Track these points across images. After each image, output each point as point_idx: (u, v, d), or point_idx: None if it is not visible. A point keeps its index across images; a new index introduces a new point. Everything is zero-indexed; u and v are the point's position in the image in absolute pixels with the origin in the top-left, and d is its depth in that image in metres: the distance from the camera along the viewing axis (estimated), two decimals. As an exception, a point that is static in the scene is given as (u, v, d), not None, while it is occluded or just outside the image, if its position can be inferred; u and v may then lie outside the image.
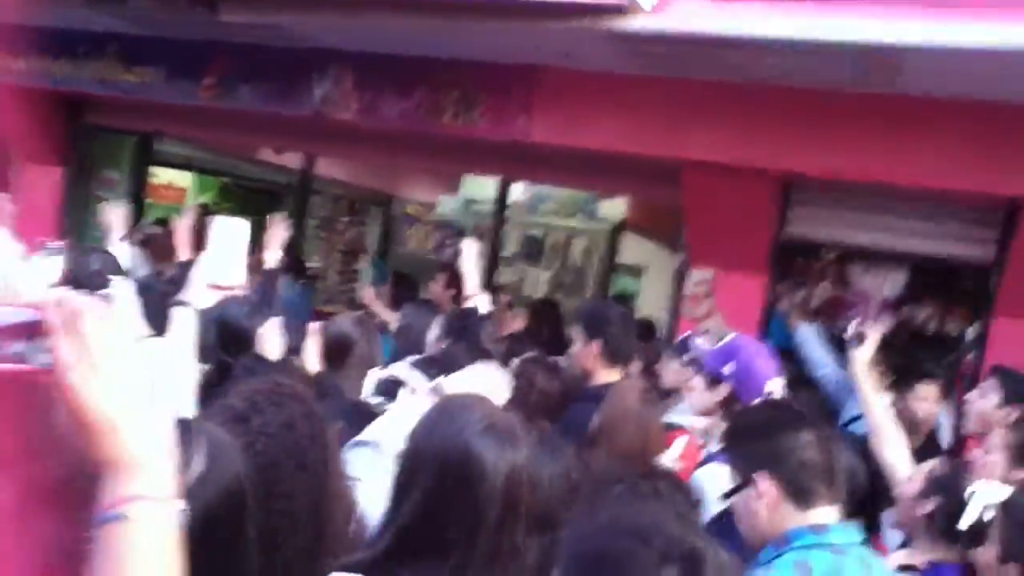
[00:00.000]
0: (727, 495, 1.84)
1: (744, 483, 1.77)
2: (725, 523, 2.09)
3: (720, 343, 2.89)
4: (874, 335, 3.25)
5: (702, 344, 2.94)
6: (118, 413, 0.81)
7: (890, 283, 4.97)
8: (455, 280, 5.29)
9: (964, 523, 2.02)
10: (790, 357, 4.25)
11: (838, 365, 4.44)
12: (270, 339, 2.91)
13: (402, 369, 2.69)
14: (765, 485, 1.73)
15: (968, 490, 2.07)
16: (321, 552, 1.56)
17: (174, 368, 2.42)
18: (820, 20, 3.25)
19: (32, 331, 0.82)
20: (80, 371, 0.80)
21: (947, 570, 2.14)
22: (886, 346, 4.54)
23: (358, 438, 2.25)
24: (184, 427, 1.30)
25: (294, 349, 3.12)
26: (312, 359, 3.14)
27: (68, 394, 0.80)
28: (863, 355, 3.19)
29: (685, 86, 4.27)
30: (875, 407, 2.95)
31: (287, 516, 1.51)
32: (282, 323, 3.01)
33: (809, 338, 4.41)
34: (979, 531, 2.00)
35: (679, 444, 2.51)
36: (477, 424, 1.55)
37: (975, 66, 3.32)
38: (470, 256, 3.62)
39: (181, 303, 2.56)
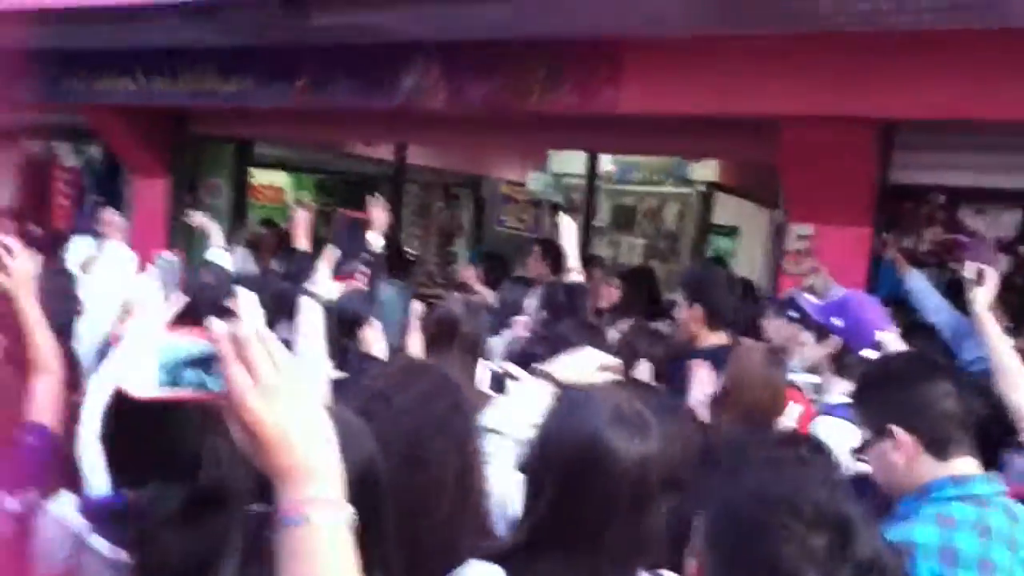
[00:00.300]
0: (860, 448, 1.83)
1: (879, 434, 1.74)
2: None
3: (828, 297, 2.88)
4: (993, 274, 3.14)
5: (809, 299, 2.93)
6: (290, 427, 0.88)
7: (1003, 223, 4.80)
8: (550, 254, 5.37)
9: None
10: (902, 306, 4.16)
11: (953, 310, 4.33)
12: (374, 341, 2.98)
13: (505, 364, 2.72)
14: (902, 436, 1.68)
15: None
16: (464, 522, 1.61)
17: (304, 356, 2.53)
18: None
19: (208, 360, 0.89)
20: (254, 393, 0.87)
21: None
22: (1003, 287, 4.42)
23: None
24: None
25: (396, 350, 3.19)
26: (416, 349, 3.20)
27: (244, 415, 0.87)
28: (984, 296, 3.08)
29: (772, 41, 4.19)
30: (1001, 349, 2.85)
31: (433, 484, 1.56)
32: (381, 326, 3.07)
33: (921, 285, 4.30)
34: None
35: (796, 406, 2.52)
36: (605, 414, 1.53)
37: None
38: (568, 231, 3.65)
39: (308, 292, 2.65)
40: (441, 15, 4.27)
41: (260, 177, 9.20)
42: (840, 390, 2.76)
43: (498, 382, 2.72)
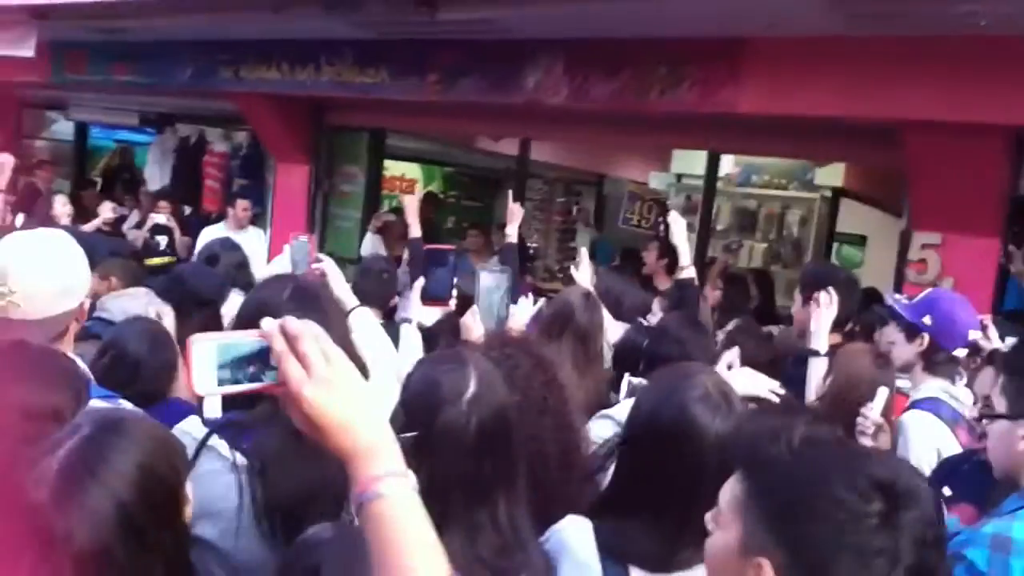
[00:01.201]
0: (990, 415, 1.78)
1: (1011, 418, 1.72)
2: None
3: (918, 297, 2.86)
4: None
5: (899, 299, 2.91)
6: (348, 414, 0.97)
7: None
8: (667, 251, 5.43)
9: None
10: (1027, 320, 4.02)
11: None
12: (473, 328, 3.12)
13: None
14: None
15: None
16: (571, 483, 1.76)
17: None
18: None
19: (262, 355, 0.98)
20: (310, 385, 0.95)
21: None
22: None
23: (603, 412, 2.44)
24: (456, 356, 1.59)
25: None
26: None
27: (303, 405, 0.95)
28: None
29: (899, 43, 4.11)
30: None
31: (537, 458, 1.71)
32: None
33: None
34: None
35: (881, 397, 2.51)
36: (695, 390, 1.67)
37: None
38: (678, 229, 3.71)
39: (405, 320, 2.86)
40: (563, 13, 4.39)
41: (393, 168, 9.62)
42: (928, 386, 2.74)
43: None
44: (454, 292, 3.42)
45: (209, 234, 6.67)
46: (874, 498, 1.01)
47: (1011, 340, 3.34)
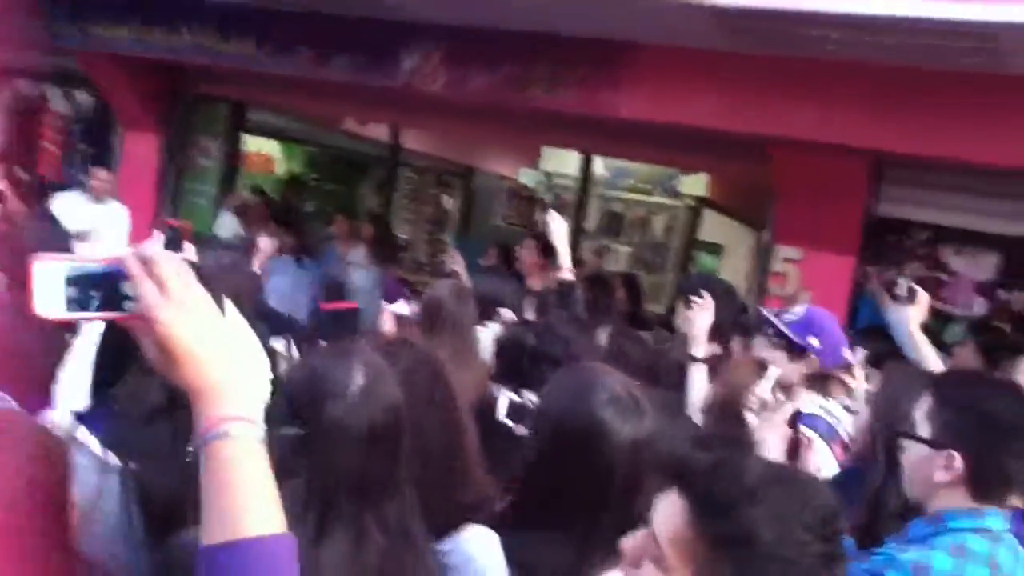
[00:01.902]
0: (914, 438, 1.75)
1: (935, 446, 1.69)
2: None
3: (796, 315, 2.91)
4: (925, 296, 3.19)
5: (779, 315, 2.95)
6: (203, 343, 0.90)
7: (984, 265, 4.85)
8: (546, 251, 5.38)
9: None
10: (881, 334, 4.20)
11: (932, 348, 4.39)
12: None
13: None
14: (957, 463, 1.65)
15: None
16: (455, 486, 1.64)
17: None
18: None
19: (115, 283, 0.90)
20: (166, 307, 0.88)
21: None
22: (980, 330, 4.49)
23: None
24: (342, 350, 1.47)
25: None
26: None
27: (156, 328, 0.88)
28: (917, 315, 3.13)
29: (777, 63, 4.22)
30: (935, 367, 2.88)
31: (420, 453, 1.59)
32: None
33: (902, 319, 4.34)
34: None
35: (772, 375, 2.53)
36: (603, 393, 1.60)
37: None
38: (559, 230, 3.64)
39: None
40: (449, -1, 4.25)
41: (252, 144, 9.14)
42: (808, 401, 2.80)
43: (517, 412, 2.69)
44: None
45: (65, 204, 6.10)
46: (825, 534, 0.99)
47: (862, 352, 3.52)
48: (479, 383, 3.03)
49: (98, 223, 6.31)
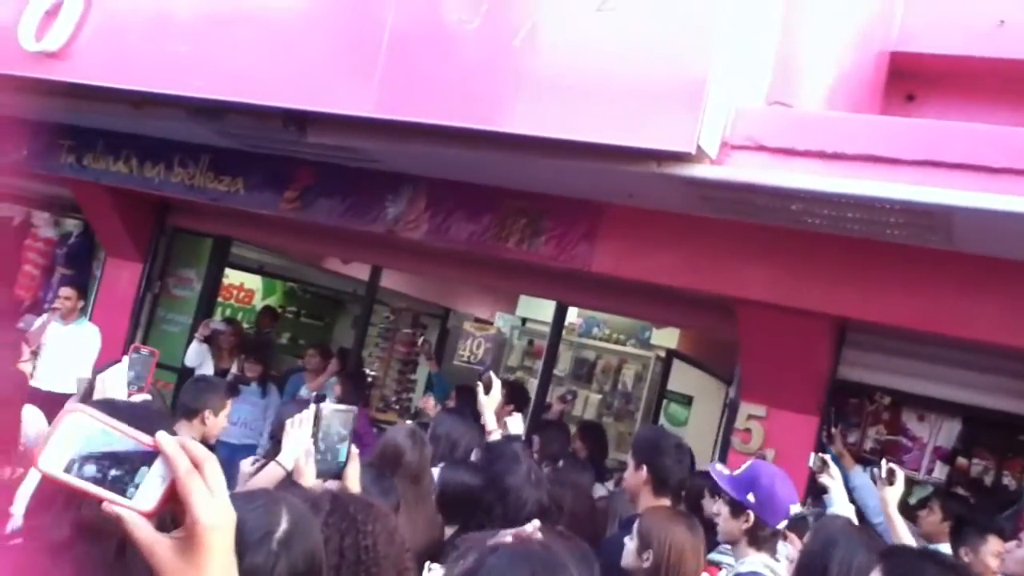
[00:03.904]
0: None
1: None
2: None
3: (739, 471, 2.95)
4: (902, 475, 3.29)
5: (723, 472, 2.99)
6: (231, 553, 0.88)
7: (944, 432, 4.94)
8: (512, 397, 5.45)
9: None
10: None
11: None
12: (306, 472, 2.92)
13: None
14: None
15: None
16: None
17: None
18: (874, 178, 3.41)
19: (133, 464, 0.86)
20: (216, 515, 0.85)
21: None
22: (943, 496, 4.53)
23: None
24: (268, 496, 1.48)
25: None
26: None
27: (201, 533, 0.84)
28: (894, 495, 3.22)
29: (743, 228, 4.42)
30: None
31: None
32: None
33: (864, 484, 4.39)
34: None
35: None
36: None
37: (1025, 229, 3.42)
38: (489, 396, 3.68)
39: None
40: (434, 153, 4.46)
41: (232, 277, 9.28)
42: (751, 560, 2.80)
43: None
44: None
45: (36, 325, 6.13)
46: None
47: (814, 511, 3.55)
48: (433, 524, 3.03)
49: (64, 343, 6.34)
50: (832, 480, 3.47)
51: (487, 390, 3.68)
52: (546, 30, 3.81)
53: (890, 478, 3.27)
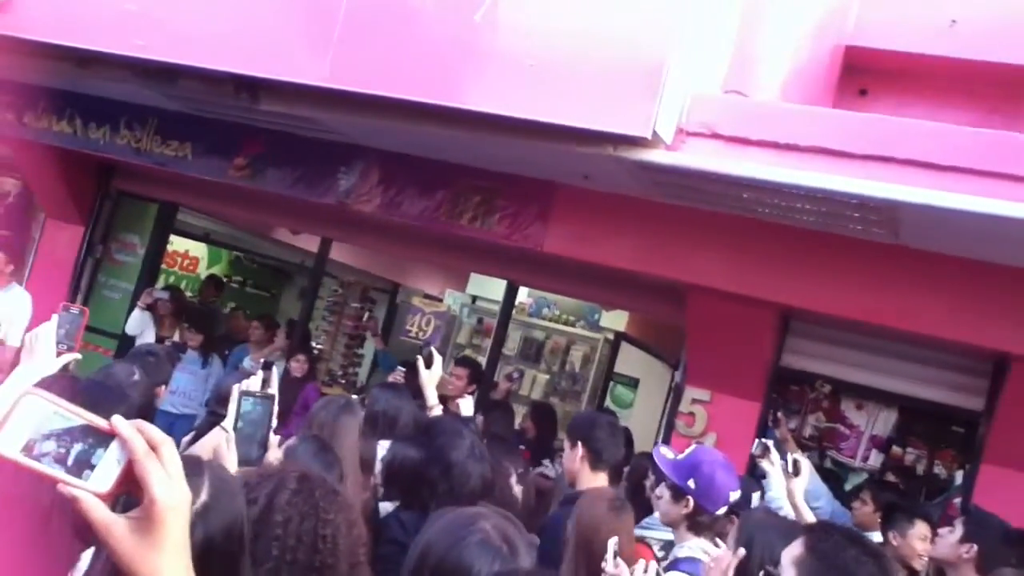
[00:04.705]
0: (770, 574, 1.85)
1: None
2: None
3: (682, 456, 2.99)
4: (808, 465, 3.39)
5: (665, 457, 3.03)
6: (184, 534, 0.89)
7: (881, 421, 5.07)
8: (477, 375, 5.47)
9: None
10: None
11: (832, 498, 4.53)
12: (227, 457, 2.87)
13: None
14: None
15: None
16: None
17: None
18: (825, 170, 3.45)
19: (90, 446, 0.86)
20: (174, 497, 0.86)
21: None
22: (876, 484, 4.66)
23: None
24: (192, 463, 1.43)
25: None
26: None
27: (159, 513, 0.85)
28: (800, 486, 3.31)
29: (694, 214, 4.46)
30: None
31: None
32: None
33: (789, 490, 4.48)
34: None
35: (611, 547, 2.57)
36: (474, 535, 1.65)
37: (969, 227, 3.50)
38: (430, 372, 3.63)
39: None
40: (388, 127, 4.39)
41: (176, 243, 9.08)
42: (690, 545, 2.84)
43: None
44: None
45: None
46: None
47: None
48: (362, 496, 3.02)
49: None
50: (772, 466, 3.54)
51: (428, 364, 3.65)
52: (507, 8, 3.78)
53: (795, 469, 3.35)
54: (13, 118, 6.27)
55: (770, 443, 3.65)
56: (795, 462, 3.36)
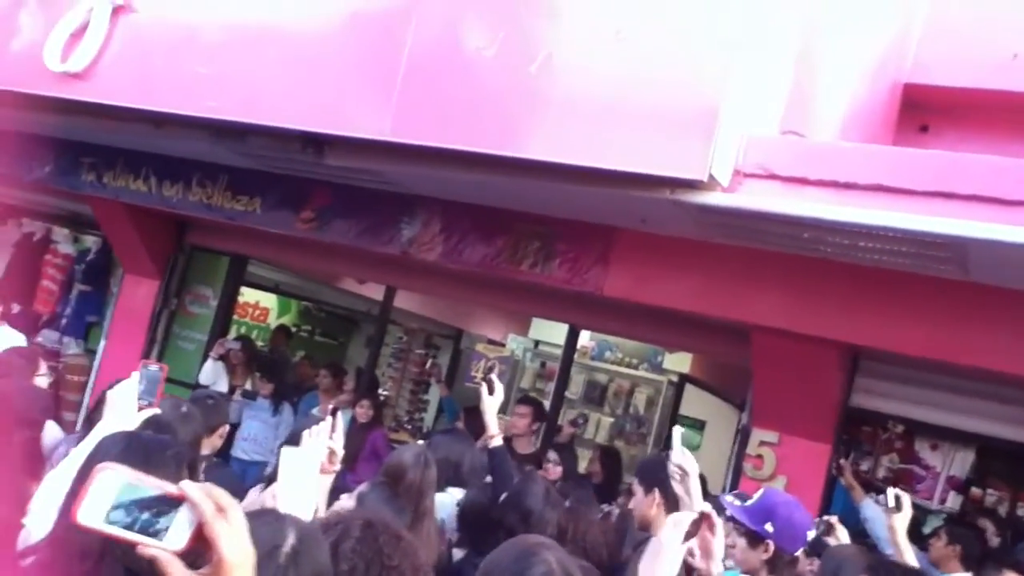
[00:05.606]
0: None
1: None
2: None
3: (752, 500, 2.94)
4: (909, 502, 3.28)
5: (734, 503, 2.98)
6: None
7: (958, 461, 4.92)
8: (540, 413, 5.48)
9: None
10: (851, 524, 4.21)
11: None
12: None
13: None
14: None
15: None
16: None
17: None
18: (886, 208, 3.42)
19: (161, 508, 0.96)
20: (243, 562, 0.96)
21: None
22: (955, 525, 4.50)
23: None
24: (275, 514, 1.52)
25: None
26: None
27: (228, 568, 0.94)
28: (902, 523, 3.21)
29: (755, 254, 4.43)
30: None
31: None
32: None
33: (875, 515, 4.36)
34: None
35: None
36: (537, 567, 1.66)
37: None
38: (488, 403, 3.63)
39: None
40: (451, 177, 4.50)
41: (247, 295, 9.34)
42: None
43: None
44: None
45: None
46: None
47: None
48: (431, 545, 3.04)
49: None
50: (838, 542, 3.45)
51: (491, 391, 3.65)
52: (563, 57, 3.86)
53: (897, 504, 3.26)
54: (94, 178, 6.59)
55: (833, 519, 3.56)
56: (897, 497, 3.26)
